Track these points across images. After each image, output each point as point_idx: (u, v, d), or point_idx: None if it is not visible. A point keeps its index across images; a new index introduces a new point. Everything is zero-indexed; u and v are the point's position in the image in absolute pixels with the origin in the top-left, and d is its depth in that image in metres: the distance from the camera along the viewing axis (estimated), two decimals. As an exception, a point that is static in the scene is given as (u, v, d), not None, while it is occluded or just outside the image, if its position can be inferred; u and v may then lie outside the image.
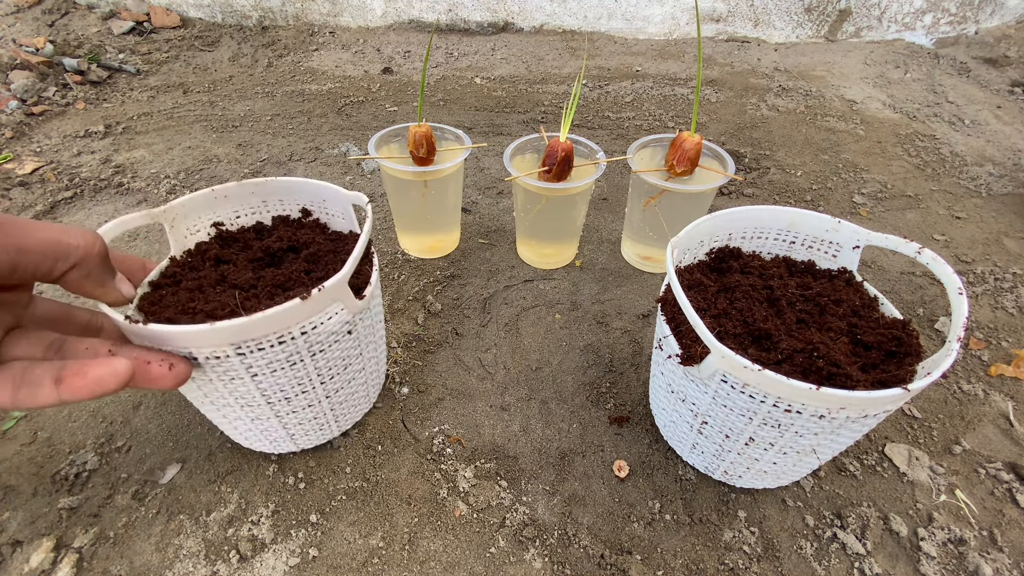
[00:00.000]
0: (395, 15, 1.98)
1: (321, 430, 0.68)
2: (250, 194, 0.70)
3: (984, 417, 0.78)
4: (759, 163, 1.35)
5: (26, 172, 1.21)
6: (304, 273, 0.62)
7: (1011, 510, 0.67)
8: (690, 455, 0.69)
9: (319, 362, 0.57)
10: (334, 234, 0.70)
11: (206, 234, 0.70)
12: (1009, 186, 1.27)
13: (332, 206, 0.70)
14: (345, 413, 0.69)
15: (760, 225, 0.72)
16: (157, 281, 0.62)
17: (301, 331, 0.52)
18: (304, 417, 0.63)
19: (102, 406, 0.76)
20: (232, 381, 0.54)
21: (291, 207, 0.73)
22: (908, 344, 0.57)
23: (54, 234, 0.39)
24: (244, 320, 0.47)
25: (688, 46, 1.95)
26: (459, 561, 0.62)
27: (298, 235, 0.68)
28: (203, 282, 0.61)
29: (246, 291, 0.59)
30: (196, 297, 0.58)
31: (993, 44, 1.89)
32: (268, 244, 0.66)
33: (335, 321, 0.55)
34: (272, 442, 0.67)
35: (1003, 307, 0.95)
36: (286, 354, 0.53)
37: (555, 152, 0.84)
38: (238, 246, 0.69)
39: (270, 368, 0.54)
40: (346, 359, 0.61)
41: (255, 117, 1.50)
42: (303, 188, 0.70)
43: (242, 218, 0.72)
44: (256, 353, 0.51)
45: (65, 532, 0.63)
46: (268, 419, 0.61)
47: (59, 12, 1.87)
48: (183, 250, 0.67)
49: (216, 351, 0.50)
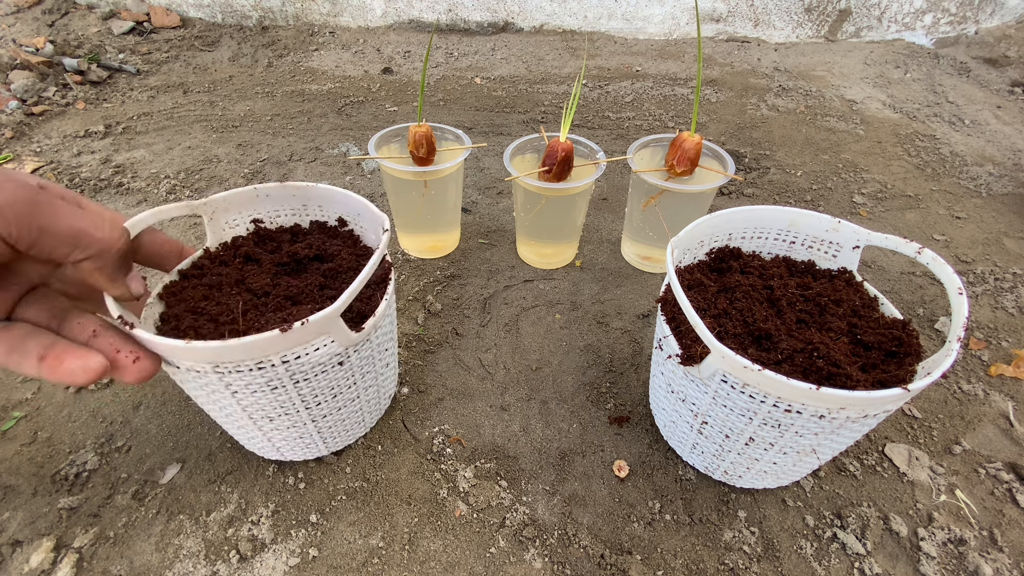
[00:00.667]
0: (395, 15, 1.98)
1: (307, 448, 0.67)
2: (291, 196, 0.71)
3: (984, 417, 0.78)
4: (759, 163, 1.35)
5: (26, 172, 1.21)
6: (319, 288, 0.61)
7: (1011, 510, 0.67)
8: (690, 455, 0.69)
9: (303, 389, 0.55)
10: (363, 249, 0.70)
11: (244, 229, 0.70)
12: (1009, 186, 1.27)
13: (365, 221, 0.70)
14: (335, 436, 0.67)
15: (760, 225, 0.72)
16: (186, 271, 0.63)
17: (282, 359, 0.50)
18: (289, 436, 0.62)
19: (102, 406, 0.76)
20: (213, 394, 0.53)
21: (329, 214, 0.73)
22: (908, 344, 0.57)
23: (81, 224, 0.41)
24: (218, 344, 0.45)
25: (688, 46, 1.95)
26: (459, 561, 0.62)
27: (328, 244, 0.68)
28: (223, 280, 0.61)
29: (258, 298, 0.59)
30: (210, 295, 0.59)
31: (993, 44, 1.89)
32: (297, 250, 0.66)
33: (322, 353, 0.53)
34: (260, 449, 0.67)
35: (1003, 307, 0.95)
36: (266, 379, 0.51)
37: (555, 152, 0.84)
38: (271, 245, 0.69)
39: (249, 389, 0.52)
40: (335, 388, 0.59)
41: (255, 117, 1.50)
42: (341, 199, 0.70)
43: (281, 218, 0.72)
44: (235, 374, 0.50)
45: (65, 532, 0.63)
46: (252, 431, 0.60)
47: (59, 12, 1.88)
48: (219, 242, 0.68)
49: (195, 366, 0.49)
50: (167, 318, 0.57)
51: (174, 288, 0.60)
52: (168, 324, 0.56)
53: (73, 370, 0.42)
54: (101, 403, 0.77)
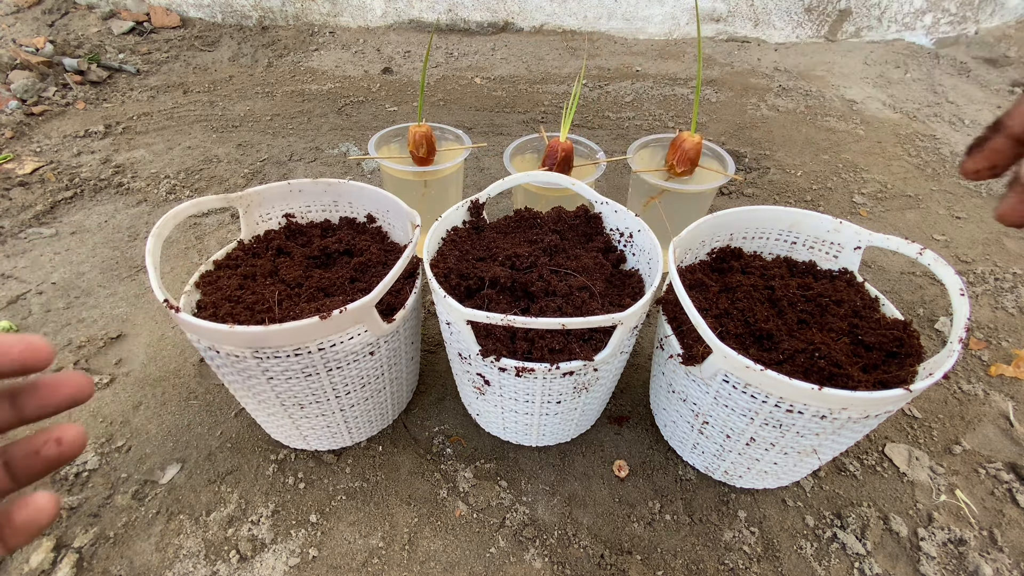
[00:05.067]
0: (395, 15, 1.98)
1: (333, 437, 0.68)
2: (322, 192, 0.73)
3: (984, 417, 0.78)
4: (759, 163, 1.34)
5: (26, 172, 1.21)
6: (349, 281, 0.63)
7: (1011, 510, 0.67)
8: (690, 455, 0.69)
9: (335, 377, 0.58)
10: (391, 244, 0.71)
11: (276, 223, 0.73)
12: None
13: (394, 218, 0.72)
14: (360, 427, 0.69)
15: (761, 225, 0.72)
16: (221, 261, 0.66)
17: (318, 347, 0.53)
18: (317, 424, 0.64)
19: (102, 406, 0.76)
20: (249, 379, 0.55)
21: (359, 211, 0.75)
22: (909, 345, 0.57)
23: None
24: (260, 330, 0.48)
25: (688, 46, 1.95)
26: (459, 561, 0.62)
27: (357, 240, 0.70)
28: (257, 271, 0.63)
29: (292, 288, 0.60)
30: (246, 285, 0.61)
31: (993, 44, 1.89)
32: (327, 244, 0.68)
33: (356, 341, 0.55)
34: (287, 438, 0.69)
35: (1003, 307, 0.95)
36: (301, 365, 0.54)
37: (555, 152, 0.84)
38: (302, 239, 0.71)
39: (285, 375, 0.55)
40: (364, 378, 0.61)
41: (255, 117, 1.50)
42: (371, 195, 0.72)
43: (312, 213, 0.75)
44: (272, 360, 0.52)
45: (65, 532, 0.63)
46: (282, 418, 0.62)
47: (59, 12, 1.87)
48: (252, 235, 0.71)
49: (235, 351, 0.51)
50: (204, 305, 0.60)
51: (210, 277, 0.63)
52: (205, 311, 0.59)
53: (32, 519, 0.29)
54: (101, 403, 0.76)
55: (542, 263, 0.61)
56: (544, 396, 0.59)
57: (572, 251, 0.66)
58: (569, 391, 0.59)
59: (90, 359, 0.83)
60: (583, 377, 0.57)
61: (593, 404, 0.66)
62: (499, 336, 0.56)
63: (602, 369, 0.58)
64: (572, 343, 0.55)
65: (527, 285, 0.59)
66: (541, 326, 0.49)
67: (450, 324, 0.57)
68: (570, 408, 0.62)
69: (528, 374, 0.55)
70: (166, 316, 0.90)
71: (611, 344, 0.54)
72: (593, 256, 0.65)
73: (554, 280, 0.59)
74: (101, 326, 0.88)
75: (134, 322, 0.89)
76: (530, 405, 0.61)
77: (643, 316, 0.57)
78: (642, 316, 0.56)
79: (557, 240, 0.66)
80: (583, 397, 0.61)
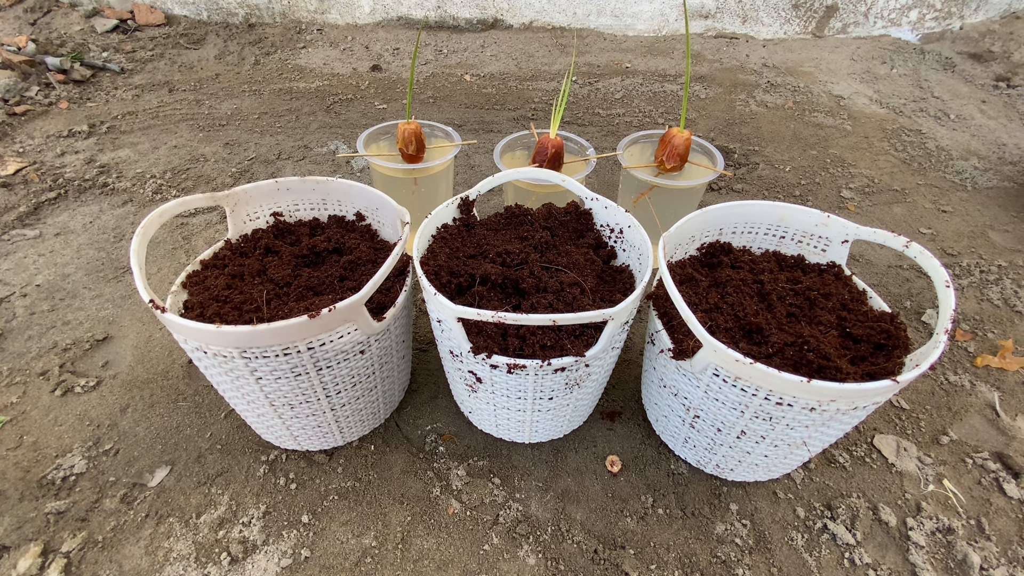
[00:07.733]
0: (383, 12, 1.96)
1: (324, 437, 0.68)
2: (311, 190, 0.72)
3: (971, 407, 0.79)
4: (748, 159, 1.35)
5: (8, 173, 1.19)
6: (338, 279, 0.63)
7: (998, 499, 0.68)
8: (682, 449, 0.69)
9: (325, 377, 0.57)
10: (381, 243, 0.71)
11: (264, 222, 0.72)
12: (994, 180, 1.29)
13: (383, 215, 0.71)
14: (351, 426, 0.68)
15: (750, 220, 0.72)
16: (208, 260, 0.65)
17: (307, 346, 0.52)
18: (308, 424, 0.63)
19: (88, 409, 0.75)
20: (237, 380, 0.55)
21: (347, 209, 0.75)
22: (896, 337, 0.58)
23: None
24: (248, 329, 0.48)
25: (677, 42, 1.95)
26: (453, 559, 0.61)
27: (347, 238, 0.69)
28: (245, 271, 0.63)
29: (280, 288, 0.60)
30: (234, 284, 0.60)
31: (978, 39, 1.92)
32: (316, 242, 0.68)
33: (346, 340, 0.55)
34: (277, 438, 0.68)
35: (988, 299, 0.96)
36: (290, 365, 0.54)
37: (545, 149, 0.84)
38: (291, 238, 0.71)
39: (274, 375, 0.54)
40: (355, 377, 0.61)
41: (242, 116, 1.49)
42: (359, 193, 0.71)
43: (301, 211, 0.74)
44: (260, 360, 0.52)
45: (53, 537, 0.62)
46: (271, 419, 0.62)
47: (41, 10, 1.84)
48: (240, 234, 0.70)
49: (223, 351, 0.51)
50: (191, 305, 0.59)
51: (197, 277, 0.62)
52: (193, 311, 0.58)
53: None
54: (88, 406, 0.75)
55: (533, 260, 0.61)
56: (536, 392, 0.59)
57: (563, 247, 0.66)
58: (561, 387, 0.59)
59: (76, 362, 0.81)
60: (575, 373, 0.57)
61: (585, 400, 0.66)
62: (490, 333, 0.56)
63: (594, 365, 0.58)
64: (563, 339, 0.55)
65: (518, 282, 0.59)
66: (532, 322, 0.49)
67: (441, 322, 0.57)
68: (562, 404, 0.62)
69: (520, 371, 0.55)
70: (153, 317, 0.88)
71: (602, 339, 0.54)
72: (584, 252, 0.65)
73: (545, 276, 0.59)
74: (87, 328, 0.87)
75: (120, 324, 0.88)
76: (522, 402, 0.61)
77: (634, 311, 0.57)
78: (633, 311, 0.56)
79: (548, 237, 0.66)
80: (575, 393, 0.61)
